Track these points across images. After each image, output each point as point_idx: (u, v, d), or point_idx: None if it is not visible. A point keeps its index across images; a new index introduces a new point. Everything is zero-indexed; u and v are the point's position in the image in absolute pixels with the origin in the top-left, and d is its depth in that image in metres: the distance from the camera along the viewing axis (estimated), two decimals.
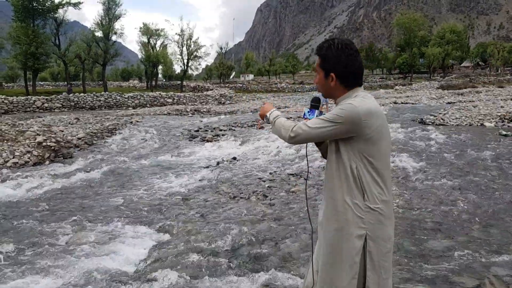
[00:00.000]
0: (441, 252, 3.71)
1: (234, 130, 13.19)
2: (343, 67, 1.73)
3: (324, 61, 1.76)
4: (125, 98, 31.41)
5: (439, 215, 4.69)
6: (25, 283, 3.25)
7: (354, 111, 1.64)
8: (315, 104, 1.86)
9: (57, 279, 3.32)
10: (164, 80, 71.04)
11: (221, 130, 13.21)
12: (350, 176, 1.70)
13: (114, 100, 30.87)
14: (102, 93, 32.16)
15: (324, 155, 1.92)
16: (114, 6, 42.59)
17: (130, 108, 29.74)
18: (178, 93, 36.95)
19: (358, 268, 1.70)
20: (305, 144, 1.90)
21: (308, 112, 1.83)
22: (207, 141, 11.48)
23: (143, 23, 50.37)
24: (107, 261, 3.62)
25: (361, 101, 1.68)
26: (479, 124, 12.75)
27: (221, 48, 72.95)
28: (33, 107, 27.45)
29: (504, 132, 10.58)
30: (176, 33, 54.88)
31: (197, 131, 13.16)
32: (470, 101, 20.74)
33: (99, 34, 43.08)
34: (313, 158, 8.04)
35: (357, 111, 1.64)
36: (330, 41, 1.77)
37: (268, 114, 1.95)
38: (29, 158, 8.71)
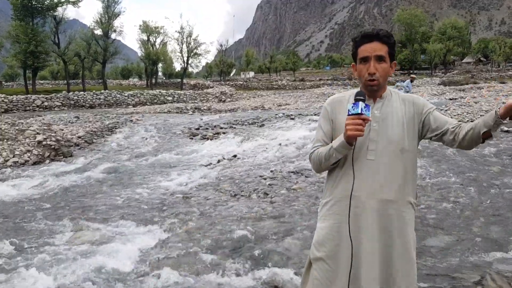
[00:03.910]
0: (442, 248, 3.71)
1: (234, 128, 13.15)
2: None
3: (393, 48, 1.69)
4: (125, 96, 31.37)
5: (441, 212, 4.67)
6: (25, 282, 3.24)
7: None
8: (359, 98, 1.60)
9: (57, 278, 3.30)
10: (164, 78, 70.98)
11: (221, 128, 13.17)
12: None
13: (114, 99, 30.84)
14: (102, 91, 32.16)
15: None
16: (113, 4, 42.54)
17: (130, 106, 29.71)
18: (178, 91, 36.91)
19: None
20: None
21: (352, 106, 1.58)
22: (208, 139, 11.44)
23: (142, 20, 50.34)
24: (107, 260, 3.61)
25: None
26: None
27: (221, 46, 72.76)
28: (33, 106, 27.45)
29: (506, 128, 10.52)
30: (176, 31, 54.64)
31: (198, 129, 13.12)
32: (471, 97, 20.65)
33: (98, 32, 43.09)
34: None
35: None
36: (384, 30, 1.72)
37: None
38: (29, 157, 8.70)
